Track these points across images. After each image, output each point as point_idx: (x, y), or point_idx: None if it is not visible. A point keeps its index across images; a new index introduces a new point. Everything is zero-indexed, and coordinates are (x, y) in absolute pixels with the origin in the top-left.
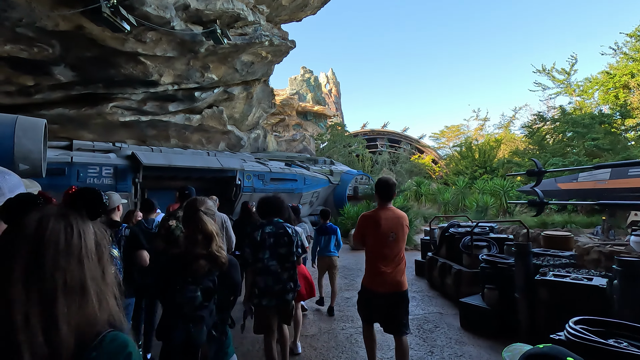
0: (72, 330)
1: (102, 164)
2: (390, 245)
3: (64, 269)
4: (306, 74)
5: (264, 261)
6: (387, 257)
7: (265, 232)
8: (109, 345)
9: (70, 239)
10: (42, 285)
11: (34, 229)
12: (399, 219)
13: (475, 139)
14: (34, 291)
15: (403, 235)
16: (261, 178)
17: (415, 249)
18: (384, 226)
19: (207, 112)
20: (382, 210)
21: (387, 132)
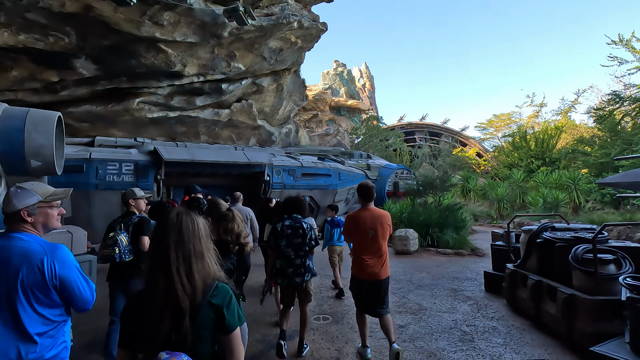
0: (200, 277)
1: (122, 160)
2: (370, 240)
3: (193, 243)
4: (339, 67)
5: (281, 247)
6: (369, 250)
7: (284, 224)
8: (221, 289)
9: (194, 226)
10: (183, 252)
11: (175, 220)
12: (378, 217)
13: (529, 127)
14: (179, 255)
15: (383, 232)
16: (292, 173)
17: (474, 254)
18: (364, 224)
19: (236, 106)
20: (363, 210)
21: (425, 125)
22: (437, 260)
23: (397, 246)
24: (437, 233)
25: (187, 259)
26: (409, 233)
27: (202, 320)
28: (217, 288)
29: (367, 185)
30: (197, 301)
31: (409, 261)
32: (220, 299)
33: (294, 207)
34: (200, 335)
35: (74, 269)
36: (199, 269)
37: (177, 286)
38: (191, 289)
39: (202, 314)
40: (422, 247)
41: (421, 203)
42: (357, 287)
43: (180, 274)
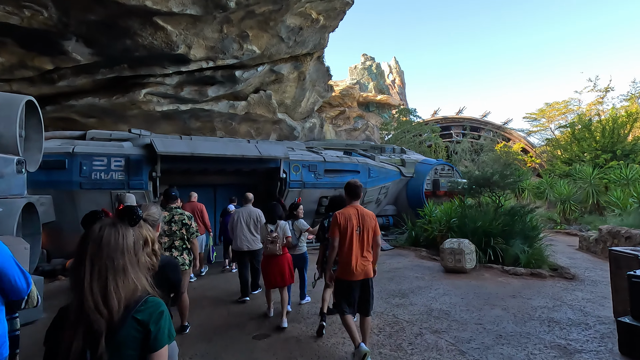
0: (122, 293)
1: (111, 154)
2: (357, 238)
3: (113, 257)
4: (367, 61)
5: (329, 240)
6: (357, 248)
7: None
8: (150, 303)
9: (117, 238)
10: (99, 267)
11: (97, 232)
12: (365, 216)
13: (592, 116)
14: (95, 271)
15: (369, 231)
16: (312, 170)
17: (560, 276)
18: (352, 222)
19: (254, 98)
20: (350, 207)
21: (463, 119)
22: (509, 285)
23: (447, 262)
24: (500, 245)
25: (103, 275)
26: (463, 245)
27: (124, 338)
28: (146, 302)
29: (355, 184)
30: (114, 319)
31: (468, 285)
32: (147, 315)
33: (340, 204)
34: (121, 355)
35: (10, 260)
36: (120, 285)
37: (88, 305)
38: (106, 307)
39: (125, 331)
40: (481, 263)
41: (473, 205)
42: (345, 289)
43: (93, 291)
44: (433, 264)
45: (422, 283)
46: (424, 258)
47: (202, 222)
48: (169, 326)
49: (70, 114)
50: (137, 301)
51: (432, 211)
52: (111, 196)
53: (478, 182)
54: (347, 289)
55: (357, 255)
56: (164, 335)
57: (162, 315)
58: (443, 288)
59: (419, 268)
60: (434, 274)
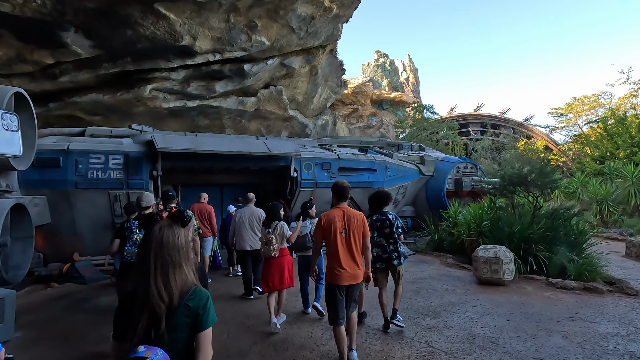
0: (178, 285)
1: (109, 151)
2: (343, 241)
3: (172, 255)
4: (380, 58)
5: (374, 238)
6: (343, 252)
7: (373, 219)
8: (198, 292)
9: (174, 239)
10: (162, 263)
11: (158, 233)
12: (351, 217)
13: (629, 109)
14: (158, 266)
15: (358, 232)
16: (326, 168)
17: (620, 291)
18: (336, 224)
19: (264, 93)
20: (336, 209)
21: (481, 116)
22: (560, 303)
23: (481, 272)
24: (543, 252)
25: (165, 270)
26: (501, 252)
27: (178, 320)
28: (195, 292)
29: (342, 185)
30: (173, 305)
31: (509, 301)
32: (197, 302)
33: (379, 202)
34: (176, 334)
35: None
36: (176, 278)
37: (152, 293)
38: (167, 296)
39: (178, 317)
40: (520, 274)
41: (506, 206)
42: (334, 293)
43: (157, 282)
44: (462, 273)
45: (454, 298)
46: (450, 266)
47: (209, 225)
48: (212, 311)
49: (75, 111)
50: (187, 291)
51: (458, 213)
52: (109, 197)
53: (513, 181)
54: (335, 293)
55: (343, 258)
56: (209, 317)
57: (208, 302)
58: (481, 305)
59: (448, 278)
60: (466, 285)
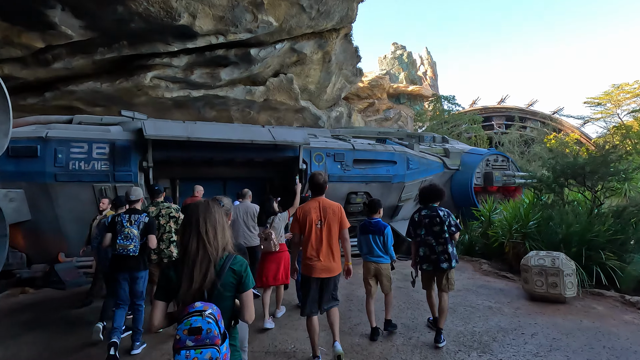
0: (222, 240)
1: (93, 139)
2: (318, 233)
3: (217, 218)
4: (397, 50)
5: (422, 236)
6: (319, 244)
7: (421, 214)
8: (239, 258)
9: (216, 207)
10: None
11: (203, 204)
12: (327, 209)
13: None
14: (207, 223)
15: (334, 224)
16: (339, 159)
17: None
18: (311, 215)
19: (273, 82)
20: (313, 201)
21: (505, 109)
22: None
23: (533, 285)
24: (612, 261)
25: (213, 226)
26: (560, 261)
27: (225, 281)
28: (236, 258)
29: (319, 177)
30: (220, 261)
31: (579, 327)
32: (239, 266)
33: (430, 196)
34: (223, 293)
35: None
36: (221, 235)
37: (206, 243)
38: (217, 245)
39: (225, 278)
40: (583, 287)
41: (550, 203)
42: (308, 286)
43: (209, 235)
44: (505, 284)
45: (503, 321)
46: (488, 274)
47: None
48: (251, 275)
49: (73, 101)
50: (230, 256)
51: (493, 211)
52: (94, 191)
53: (565, 173)
54: (309, 286)
55: (317, 250)
56: (250, 280)
57: (248, 267)
58: (543, 333)
59: (488, 291)
60: (514, 302)
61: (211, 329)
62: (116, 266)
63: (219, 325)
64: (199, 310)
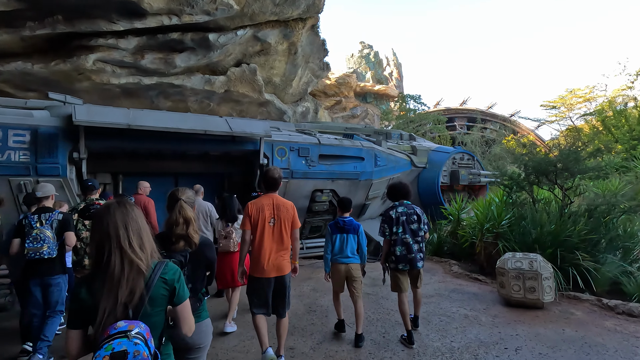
0: (149, 247)
1: (9, 125)
2: (271, 231)
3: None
4: (365, 49)
5: (399, 234)
6: (271, 241)
7: (398, 211)
8: (171, 266)
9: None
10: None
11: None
12: (280, 206)
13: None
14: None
15: (287, 222)
16: (304, 154)
17: None
18: (264, 213)
19: (235, 72)
20: (266, 197)
21: (467, 110)
22: (637, 340)
23: (510, 290)
24: (587, 262)
25: (137, 234)
26: (538, 264)
27: (155, 294)
28: (168, 266)
29: (273, 173)
30: (148, 273)
31: (562, 338)
32: (172, 275)
33: (402, 192)
34: (155, 308)
35: None
36: (147, 241)
37: (132, 256)
38: (145, 255)
39: (155, 290)
40: (559, 290)
41: (521, 202)
42: (257, 287)
43: (133, 246)
44: (478, 288)
45: (482, 332)
46: (458, 276)
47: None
48: (185, 285)
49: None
50: (160, 265)
51: (462, 210)
52: (10, 186)
53: (538, 170)
54: (259, 287)
55: (270, 249)
56: (185, 290)
57: (181, 276)
58: (528, 347)
59: (462, 296)
60: (490, 308)
61: (139, 351)
62: (28, 272)
63: (148, 345)
64: (123, 331)
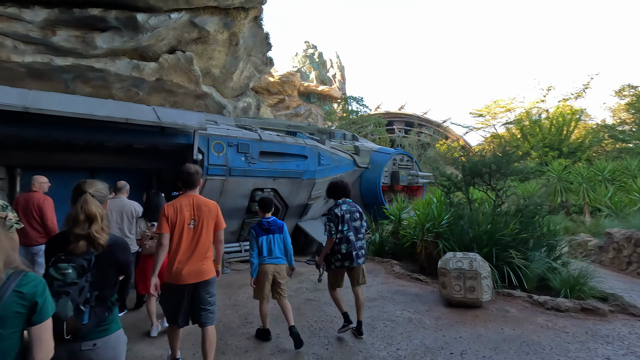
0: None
1: None
2: (190, 234)
3: None
4: (309, 49)
5: (344, 232)
6: (189, 245)
7: (343, 209)
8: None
9: None
10: None
11: None
12: (201, 207)
13: (538, 114)
14: None
15: (209, 224)
16: (243, 150)
17: (624, 312)
18: (183, 214)
19: (168, 60)
20: (183, 197)
21: (405, 115)
22: (567, 335)
23: (451, 290)
24: (519, 260)
25: None
26: (477, 263)
27: (8, 310)
28: (26, 277)
29: (189, 170)
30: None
31: (503, 337)
32: (32, 287)
33: (344, 190)
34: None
35: None
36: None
37: None
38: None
39: (9, 305)
40: (495, 288)
41: (457, 202)
42: (173, 295)
43: None
44: (420, 288)
45: (428, 337)
46: (400, 277)
47: (42, 226)
48: (51, 299)
49: None
50: (16, 276)
51: (403, 210)
52: None
53: (474, 171)
54: (174, 295)
55: (188, 253)
56: (49, 307)
57: (46, 289)
58: (472, 350)
59: (404, 298)
60: (433, 310)
61: None
62: None
63: None
64: None
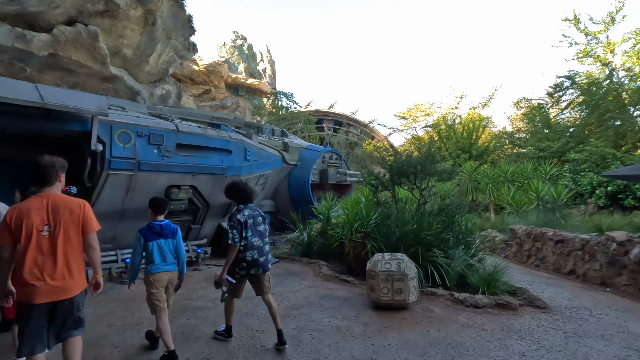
0: None
1: None
2: (46, 242)
3: None
4: (238, 39)
5: (249, 238)
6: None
7: (245, 214)
8: None
9: None
10: None
11: None
12: (58, 208)
13: (453, 120)
14: None
15: (73, 228)
16: (156, 142)
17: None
18: (31, 219)
19: (65, 32)
20: (36, 198)
21: (334, 114)
22: (485, 331)
23: (380, 293)
24: (441, 258)
25: None
26: (404, 264)
27: None
28: None
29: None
30: None
31: (430, 341)
32: None
33: (250, 194)
34: None
35: None
36: None
37: None
38: None
39: None
40: (420, 288)
41: (384, 201)
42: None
43: None
44: (348, 291)
45: (356, 347)
46: (328, 279)
47: None
48: None
49: None
50: None
51: (332, 208)
52: None
53: (400, 171)
54: (31, 316)
55: (42, 267)
56: None
57: None
58: (401, 357)
59: (332, 303)
60: (361, 315)
61: None
62: None
63: None
64: None
